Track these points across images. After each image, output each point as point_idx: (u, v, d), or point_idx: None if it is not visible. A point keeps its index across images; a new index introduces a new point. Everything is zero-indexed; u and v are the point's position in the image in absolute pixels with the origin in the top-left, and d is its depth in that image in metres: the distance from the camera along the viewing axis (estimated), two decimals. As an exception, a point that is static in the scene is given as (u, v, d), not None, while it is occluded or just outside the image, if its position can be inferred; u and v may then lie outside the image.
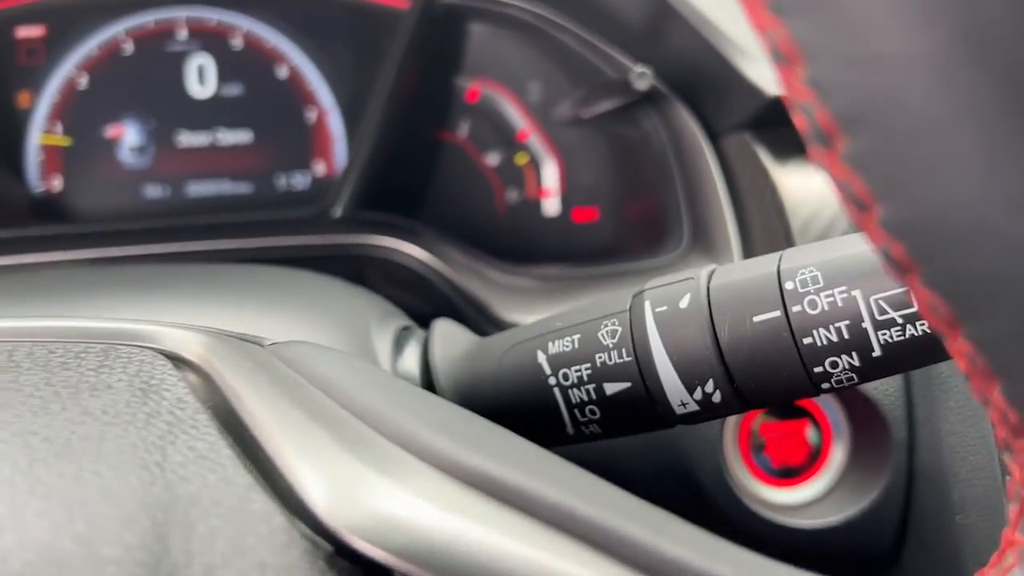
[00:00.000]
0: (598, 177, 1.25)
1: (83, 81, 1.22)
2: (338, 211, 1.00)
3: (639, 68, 0.85)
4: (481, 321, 0.89)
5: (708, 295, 0.52)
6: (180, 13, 1.25)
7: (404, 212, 1.20)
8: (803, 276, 0.50)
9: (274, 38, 1.26)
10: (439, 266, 0.93)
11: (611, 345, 0.54)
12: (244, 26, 1.26)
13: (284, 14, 1.27)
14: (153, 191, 1.23)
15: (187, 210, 1.23)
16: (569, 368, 0.56)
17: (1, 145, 1.19)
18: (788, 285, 0.50)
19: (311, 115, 1.27)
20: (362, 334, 0.62)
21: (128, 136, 1.23)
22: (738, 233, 0.90)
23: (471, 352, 0.61)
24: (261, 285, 0.68)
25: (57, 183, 1.22)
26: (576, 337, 0.56)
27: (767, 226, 0.88)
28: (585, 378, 0.55)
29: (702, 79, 0.92)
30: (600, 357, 0.55)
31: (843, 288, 0.48)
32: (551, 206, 1.27)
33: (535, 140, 1.25)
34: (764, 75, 0.86)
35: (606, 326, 0.55)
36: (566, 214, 1.27)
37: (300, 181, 1.27)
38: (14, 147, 1.20)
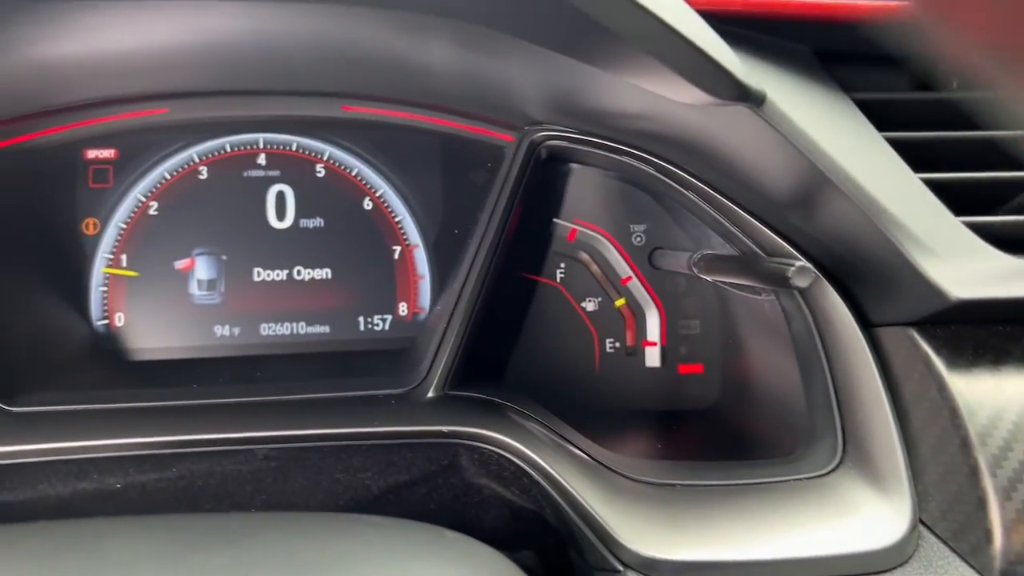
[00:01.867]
0: (708, 337, 1.11)
1: (153, 208, 1.11)
2: (430, 390, 0.86)
3: (799, 263, 0.72)
4: (596, 542, 0.74)
5: None
6: (257, 137, 1.14)
7: (497, 373, 1.07)
8: None
9: (358, 166, 1.15)
10: (543, 465, 0.79)
11: None
12: (326, 152, 1.14)
13: (369, 140, 1.15)
14: (223, 330, 1.11)
15: (259, 351, 1.11)
16: None
17: (64, 274, 1.08)
18: None
19: (395, 251, 1.14)
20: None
21: (199, 269, 1.11)
22: (903, 447, 0.75)
23: None
24: (365, 556, 0.54)
25: (120, 318, 1.10)
26: None
27: (941, 444, 0.73)
28: None
29: (864, 267, 0.78)
30: None
31: None
32: (652, 358, 1.13)
33: (637, 286, 1.12)
34: (950, 275, 0.71)
35: None
36: (670, 368, 1.13)
37: (381, 323, 1.14)
38: (77, 277, 1.09)
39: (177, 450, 0.81)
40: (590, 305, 1.12)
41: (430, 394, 0.87)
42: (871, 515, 0.73)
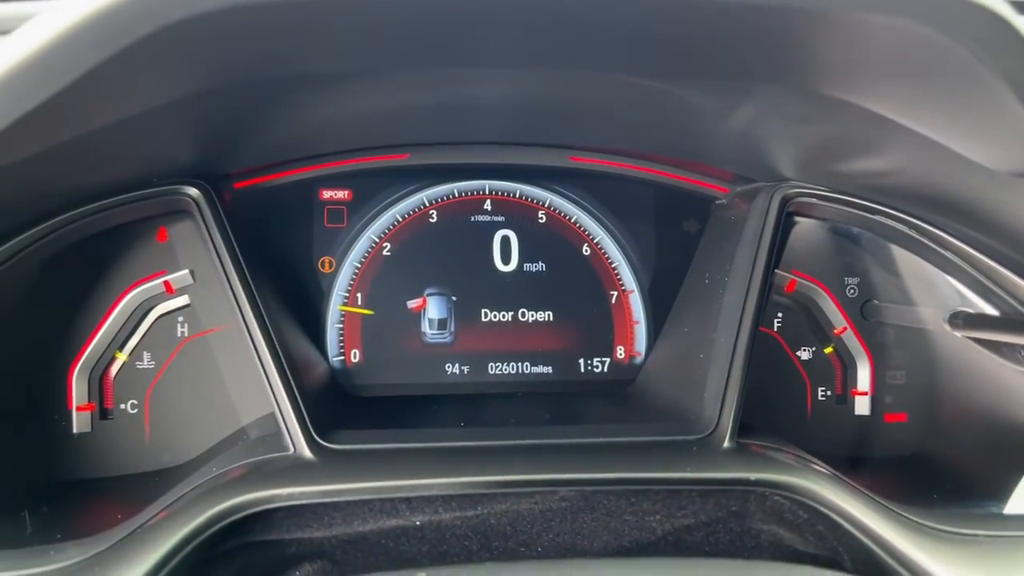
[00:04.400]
0: (912, 386, 1.13)
1: (386, 249, 1.14)
2: (726, 439, 0.88)
3: None
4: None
5: None
6: (483, 184, 1.17)
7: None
8: None
9: (577, 213, 1.17)
10: (841, 507, 0.81)
11: None
12: (547, 199, 1.17)
13: (588, 189, 1.18)
14: (453, 369, 1.13)
15: (486, 393, 1.13)
16: None
17: (303, 310, 1.09)
18: None
19: (612, 296, 1.17)
20: None
21: (430, 309, 1.13)
22: None
23: None
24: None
25: (355, 355, 1.12)
26: None
27: None
28: None
29: None
30: None
31: None
32: (861, 406, 1.15)
33: (850, 337, 1.14)
34: None
35: None
36: (876, 416, 1.15)
37: (600, 366, 1.16)
38: (316, 313, 1.11)
39: (486, 491, 0.83)
40: (804, 354, 1.15)
41: (726, 444, 0.89)
42: None
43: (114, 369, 1.04)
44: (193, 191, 0.94)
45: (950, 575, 0.75)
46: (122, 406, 1.04)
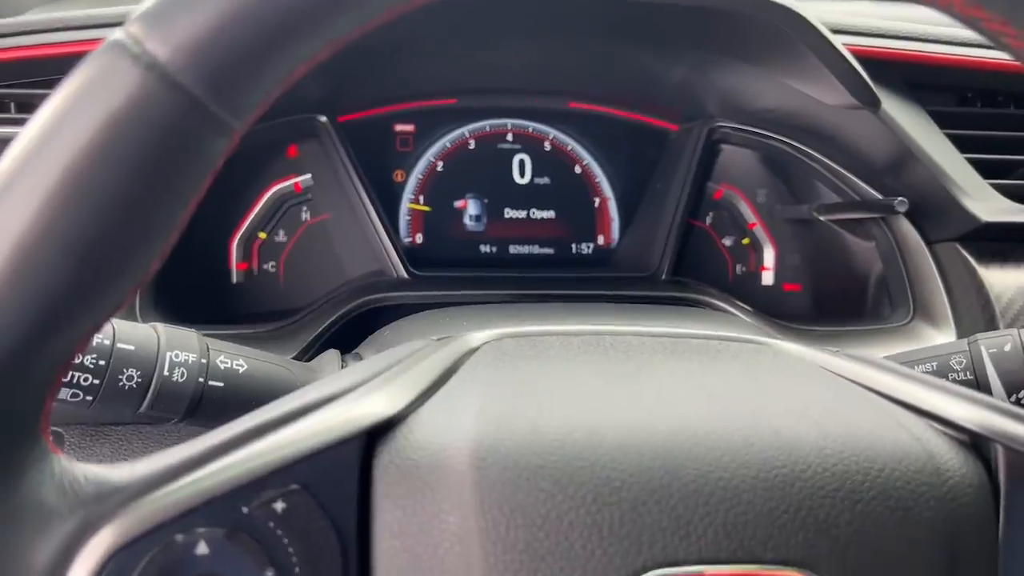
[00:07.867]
0: (805, 265, 1.64)
1: (439, 166, 1.62)
2: (664, 274, 1.39)
3: (899, 199, 1.24)
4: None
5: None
6: (506, 121, 1.66)
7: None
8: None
9: (572, 143, 1.67)
10: (743, 318, 1.31)
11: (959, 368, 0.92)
12: (551, 133, 1.66)
13: (578, 126, 1.67)
14: (485, 248, 1.63)
15: (509, 264, 1.63)
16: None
17: (385, 208, 1.58)
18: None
19: (595, 201, 1.66)
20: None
21: (470, 207, 1.62)
22: (952, 310, 1.27)
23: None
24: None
25: (419, 238, 1.61)
26: (934, 364, 0.94)
27: (975, 309, 1.26)
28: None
29: (927, 204, 1.30)
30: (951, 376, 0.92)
31: None
32: (767, 278, 1.65)
33: (760, 230, 1.64)
34: (981, 209, 1.24)
35: (954, 358, 0.93)
36: (778, 286, 1.66)
37: (587, 249, 1.66)
38: (392, 210, 1.60)
39: (518, 299, 1.33)
40: (728, 241, 1.64)
41: (664, 277, 1.39)
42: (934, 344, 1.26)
43: (259, 241, 1.53)
44: (323, 118, 1.43)
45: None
46: (264, 266, 1.53)
